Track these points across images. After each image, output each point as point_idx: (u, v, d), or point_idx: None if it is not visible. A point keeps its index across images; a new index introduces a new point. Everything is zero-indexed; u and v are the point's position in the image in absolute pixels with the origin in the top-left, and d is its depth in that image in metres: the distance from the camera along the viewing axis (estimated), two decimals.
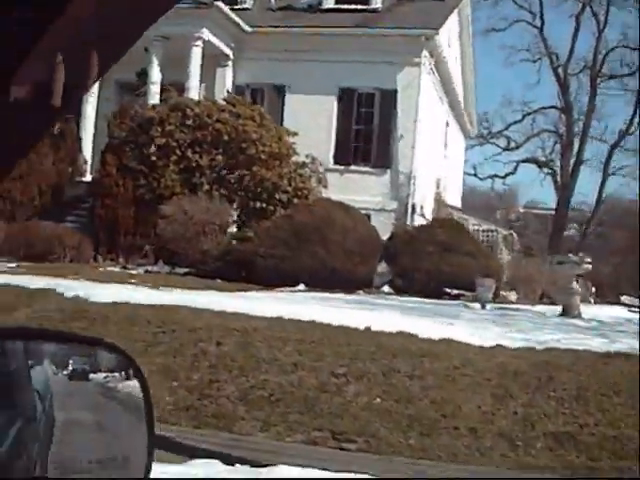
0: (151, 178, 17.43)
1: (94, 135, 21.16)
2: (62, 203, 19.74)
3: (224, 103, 18.52)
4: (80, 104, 21.65)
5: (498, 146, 39.75)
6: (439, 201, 24.56)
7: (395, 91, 21.04)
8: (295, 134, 18.22)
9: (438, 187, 24.86)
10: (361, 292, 16.30)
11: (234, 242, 16.31)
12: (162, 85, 20.33)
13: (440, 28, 21.14)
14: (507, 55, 47.05)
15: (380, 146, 21.35)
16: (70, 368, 1.12)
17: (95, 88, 20.98)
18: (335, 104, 21.51)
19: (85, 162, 20.67)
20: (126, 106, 18.62)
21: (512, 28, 37.92)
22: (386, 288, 17.18)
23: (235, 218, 17.30)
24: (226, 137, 17.51)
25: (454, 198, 29.54)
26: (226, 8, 20.44)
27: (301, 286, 15.90)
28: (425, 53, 21.11)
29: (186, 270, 16.78)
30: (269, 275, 16.02)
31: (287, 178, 17.79)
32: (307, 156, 18.49)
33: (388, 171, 21.16)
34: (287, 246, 16.25)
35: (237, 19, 20.91)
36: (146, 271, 16.85)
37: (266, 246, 16.23)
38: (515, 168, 39.63)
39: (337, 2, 22.66)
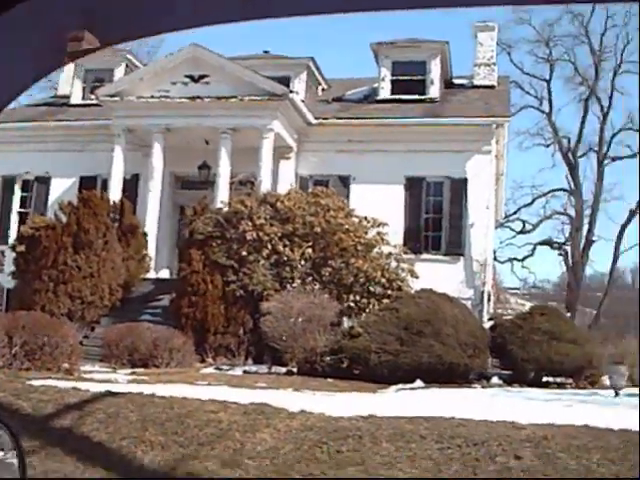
0: (242, 274, 16.53)
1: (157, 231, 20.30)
2: (130, 301, 18.68)
3: (307, 195, 17.86)
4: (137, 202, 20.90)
5: (512, 230, 39.92)
6: (497, 286, 24.08)
7: (465, 179, 20.68)
8: (385, 224, 17.58)
9: (494, 272, 24.41)
10: (478, 386, 15.49)
11: (344, 338, 15.37)
12: (231, 178, 19.70)
13: (510, 115, 21.01)
14: (522, 140, 45.45)
15: (451, 234, 20.85)
16: None
17: (158, 183, 20.29)
18: (402, 193, 21.05)
19: (150, 259, 19.69)
20: (205, 201, 17.84)
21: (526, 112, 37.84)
22: (495, 380, 16.39)
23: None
24: (318, 229, 16.80)
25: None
26: (298, 99, 20.07)
27: (418, 382, 15.02)
28: (493, 141, 20.90)
29: (287, 369, 15.76)
30: (383, 372, 15.13)
31: (380, 269, 17.04)
32: (395, 246, 17.82)
33: (461, 259, 20.60)
34: (400, 340, 15.43)
35: (305, 110, 20.52)
36: (244, 372, 15.78)
37: (378, 341, 15.38)
38: (532, 250, 39.72)
39: (393, 92, 22.51)
